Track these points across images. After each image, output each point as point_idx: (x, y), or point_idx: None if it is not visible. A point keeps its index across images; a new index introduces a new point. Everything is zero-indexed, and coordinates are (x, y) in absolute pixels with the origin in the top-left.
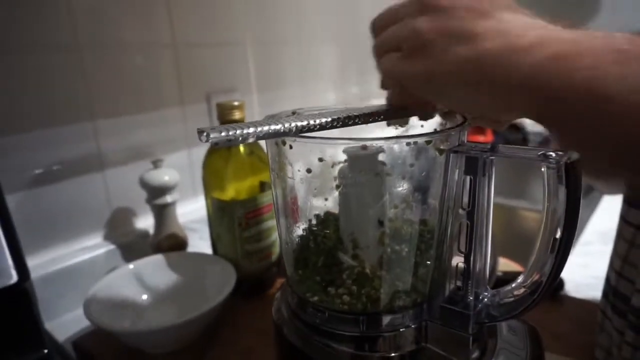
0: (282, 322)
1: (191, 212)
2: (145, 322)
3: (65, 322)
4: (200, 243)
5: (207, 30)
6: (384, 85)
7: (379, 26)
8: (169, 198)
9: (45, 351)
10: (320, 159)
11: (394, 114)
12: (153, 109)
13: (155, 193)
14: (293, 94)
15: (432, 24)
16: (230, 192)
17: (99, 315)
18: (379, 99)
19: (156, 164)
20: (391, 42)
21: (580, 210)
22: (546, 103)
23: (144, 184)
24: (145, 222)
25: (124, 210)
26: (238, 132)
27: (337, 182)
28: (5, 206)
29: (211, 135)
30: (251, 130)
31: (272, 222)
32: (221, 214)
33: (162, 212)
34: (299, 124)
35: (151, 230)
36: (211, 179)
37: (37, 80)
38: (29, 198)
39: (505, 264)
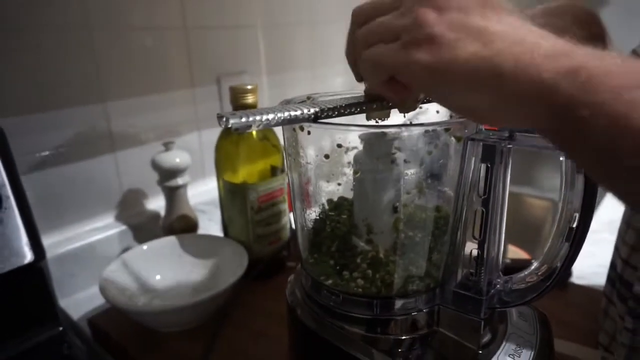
0: (296, 304)
1: (201, 194)
2: (158, 302)
3: (78, 300)
4: (209, 224)
5: (218, 13)
6: (360, 78)
7: (362, 16)
8: (180, 180)
9: (60, 328)
10: (339, 145)
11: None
12: (164, 91)
13: (167, 175)
14: (302, 77)
15: (440, 16)
16: (242, 175)
17: (114, 294)
18: None
19: (167, 146)
20: (384, 32)
21: None
22: (563, 116)
23: (156, 166)
24: (156, 203)
25: (135, 191)
26: (257, 117)
27: (353, 168)
28: (21, 187)
29: (231, 121)
30: (271, 116)
31: (283, 206)
32: (233, 197)
33: (173, 194)
34: (317, 110)
35: (162, 212)
36: (223, 162)
37: (49, 63)
38: (42, 179)
39: (512, 251)
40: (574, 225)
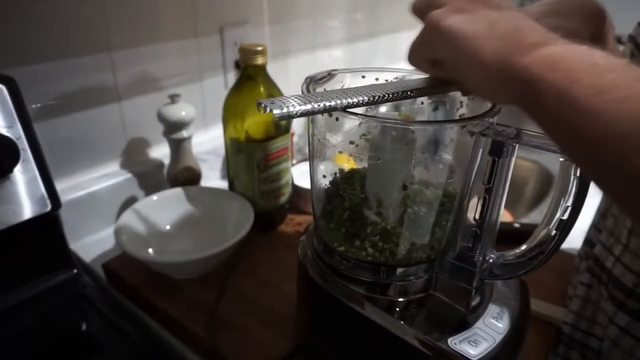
0: (307, 261)
1: (202, 143)
2: (169, 252)
3: (89, 244)
4: (211, 173)
5: None
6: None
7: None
8: (185, 133)
9: (75, 271)
10: (364, 134)
11: (435, 88)
12: (167, 41)
13: (173, 127)
14: (304, 26)
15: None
16: (248, 129)
17: (128, 243)
18: (386, 36)
19: (173, 99)
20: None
21: None
22: (528, 90)
23: (162, 118)
24: (160, 152)
25: (140, 140)
26: (297, 108)
27: (369, 152)
28: (36, 140)
29: (275, 111)
30: (309, 106)
31: (285, 165)
32: (239, 154)
33: (178, 146)
34: (350, 100)
35: (165, 160)
36: (230, 119)
37: (55, 12)
38: (50, 127)
39: None
40: (565, 217)
